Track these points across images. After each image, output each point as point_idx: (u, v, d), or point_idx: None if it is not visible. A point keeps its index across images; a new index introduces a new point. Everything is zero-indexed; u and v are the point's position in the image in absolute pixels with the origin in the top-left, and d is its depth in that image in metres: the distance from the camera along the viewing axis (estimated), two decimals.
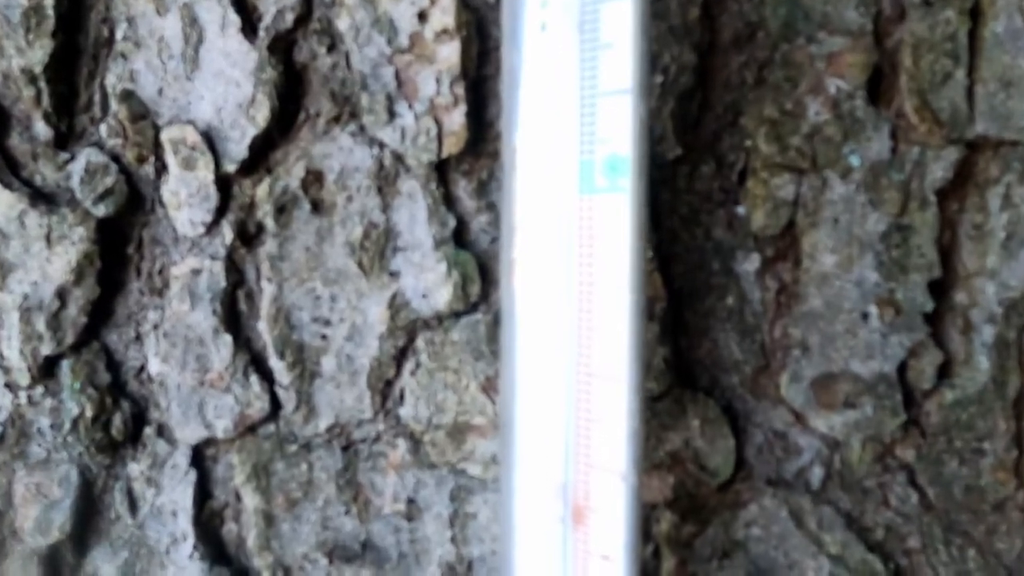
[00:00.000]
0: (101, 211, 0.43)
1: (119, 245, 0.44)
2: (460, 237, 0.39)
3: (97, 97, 0.44)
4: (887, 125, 0.36)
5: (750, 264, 0.38)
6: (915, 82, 0.36)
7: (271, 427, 0.41)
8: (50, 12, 0.43)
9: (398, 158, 0.39)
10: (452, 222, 0.39)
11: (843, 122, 0.36)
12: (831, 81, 0.36)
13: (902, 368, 0.37)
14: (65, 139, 0.44)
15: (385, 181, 0.39)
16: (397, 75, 0.38)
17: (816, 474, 0.38)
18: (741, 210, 0.37)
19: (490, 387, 0.39)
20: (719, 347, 0.38)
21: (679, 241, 0.38)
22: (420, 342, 0.39)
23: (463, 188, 0.39)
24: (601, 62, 0.31)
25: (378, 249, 0.39)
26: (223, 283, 0.41)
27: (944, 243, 0.37)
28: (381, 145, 0.39)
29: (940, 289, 0.37)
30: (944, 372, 0.37)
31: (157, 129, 0.42)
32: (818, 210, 0.37)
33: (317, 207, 0.40)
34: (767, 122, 0.36)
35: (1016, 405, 0.37)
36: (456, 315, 0.39)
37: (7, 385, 0.45)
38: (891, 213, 0.36)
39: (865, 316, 0.37)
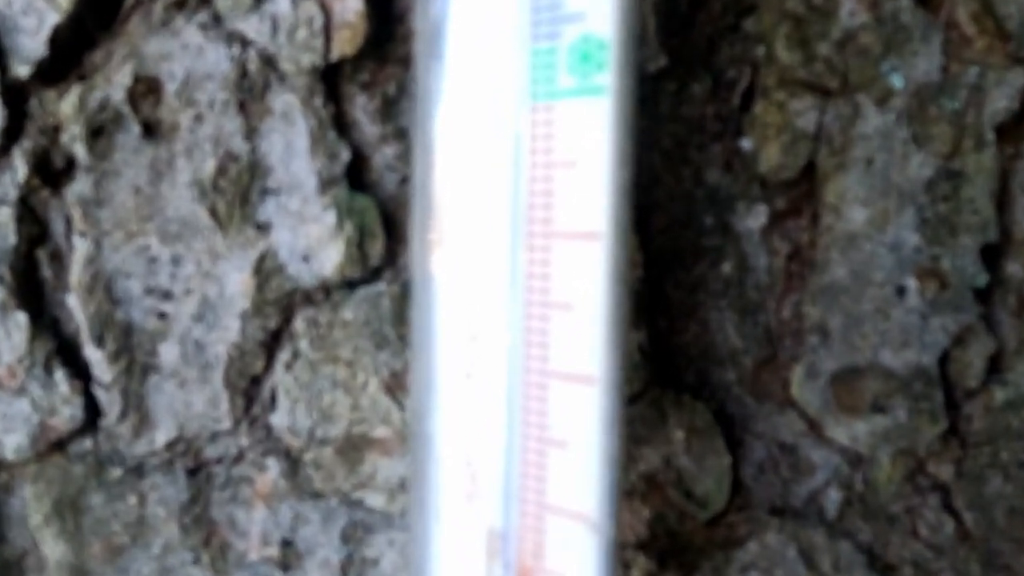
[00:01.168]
0: None
1: None
2: (357, 176, 0.27)
3: None
4: (939, 35, 0.27)
5: (754, 219, 0.28)
6: None
7: (86, 443, 0.29)
8: None
9: (268, 61, 0.27)
10: (346, 154, 0.27)
11: (884, 28, 0.27)
12: None
13: (943, 359, 0.28)
14: None
15: (250, 94, 0.27)
16: None
17: (832, 499, 0.29)
18: (746, 144, 0.27)
19: (398, 386, 0.27)
20: (710, 331, 0.28)
21: (660, 186, 0.28)
22: (299, 323, 0.28)
23: (361, 107, 0.27)
24: None
25: (239, 191, 0.27)
26: (14, 239, 0.28)
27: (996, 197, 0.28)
28: (243, 42, 0.27)
29: (994, 257, 0.28)
30: (994, 365, 0.29)
31: None
32: (847, 147, 0.27)
33: (151, 130, 0.28)
34: (790, 19, 0.26)
35: None
36: (350, 285, 0.27)
37: None
38: (940, 154, 0.27)
39: (901, 291, 0.28)
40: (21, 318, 0.29)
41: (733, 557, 0.28)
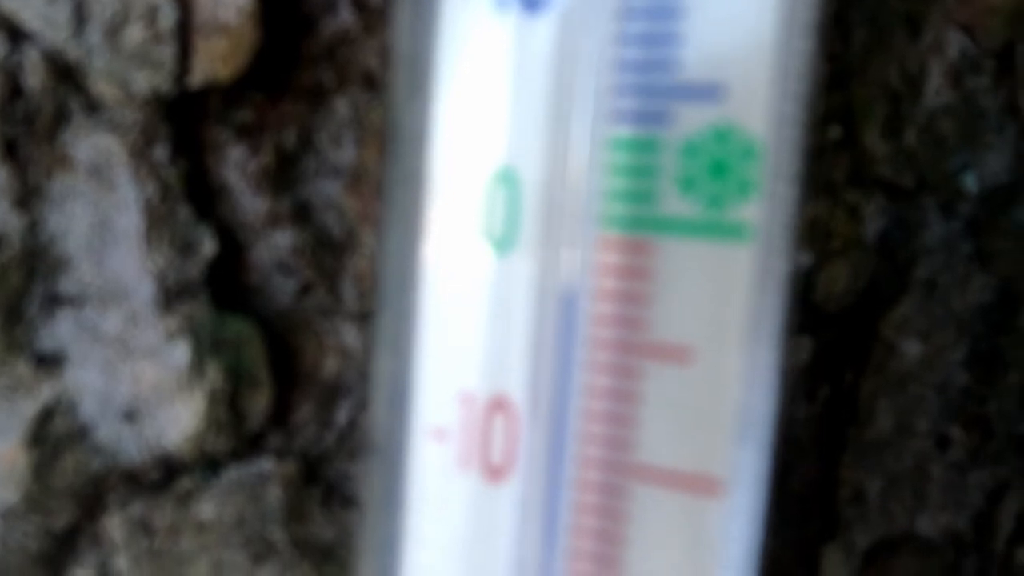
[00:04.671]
0: None
1: None
2: (227, 279, 0.16)
3: None
4: (1013, 124, 0.21)
5: (796, 355, 0.20)
6: None
7: None
8: None
9: (66, 75, 0.15)
10: (210, 245, 0.16)
11: (963, 110, 0.20)
12: (955, 36, 0.19)
13: (977, 519, 0.23)
14: None
15: (27, 129, 0.15)
16: None
17: None
18: (802, 259, 0.19)
19: None
20: None
21: None
22: (116, 525, 0.16)
23: (238, 165, 0.16)
24: None
25: (8, 295, 0.15)
26: None
27: None
28: (16, 35, 0.15)
29: None
30: (1019, 522, 0.23)
31: None
32: (912, 265, 0.20)
33: None
34: (886, 97, 0.18)
35: None
36: (213, 465, 0.16)
37: None
38: (1001, 275, 0.21)
39: (944, 442, 0.22)
40: None
41: None
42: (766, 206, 0.11)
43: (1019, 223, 0.21)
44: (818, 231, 0.19)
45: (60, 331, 0.15)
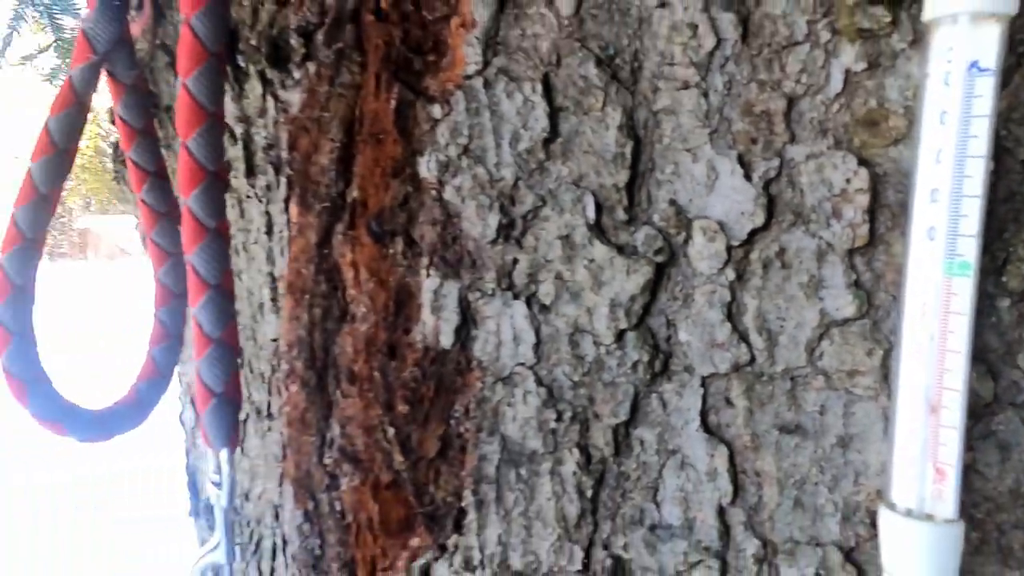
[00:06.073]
0: (659, 259, 0.83)
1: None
2: (856, 284, 0.78)
3: (641, 197, 0.84)
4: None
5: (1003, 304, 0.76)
6: None
7: (750, 369, 0.82)
8: (627, 155, 0.83)
9: (829, 245, 0.78)
10: (854, 276, 0.78)
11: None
12: None
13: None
14: (628, 220, 0.84)
15: (820, 257, 0.78)
16: (832, 208, 0.77)
17: None
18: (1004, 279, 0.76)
19: (870, 354, 0.78)
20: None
21: None
22: (835, 332, 0.79)
23: (860, 262, 0.78)
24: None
25: (815, 288, 0.79)
26: (728, 298, 0.81)
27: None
28: (820, 238, 0.78)
29: None
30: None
31: (688, 221, 0.82)
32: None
33: (782, 267, 0.80)
34: None
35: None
36: (854, 320, 0.78)
37: (594, 342, 0.85)
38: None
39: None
40: (728, 326, 0.81)
41: None
42: (974, 274, 0.69)
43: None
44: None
45: (823, 294, 0.79)
